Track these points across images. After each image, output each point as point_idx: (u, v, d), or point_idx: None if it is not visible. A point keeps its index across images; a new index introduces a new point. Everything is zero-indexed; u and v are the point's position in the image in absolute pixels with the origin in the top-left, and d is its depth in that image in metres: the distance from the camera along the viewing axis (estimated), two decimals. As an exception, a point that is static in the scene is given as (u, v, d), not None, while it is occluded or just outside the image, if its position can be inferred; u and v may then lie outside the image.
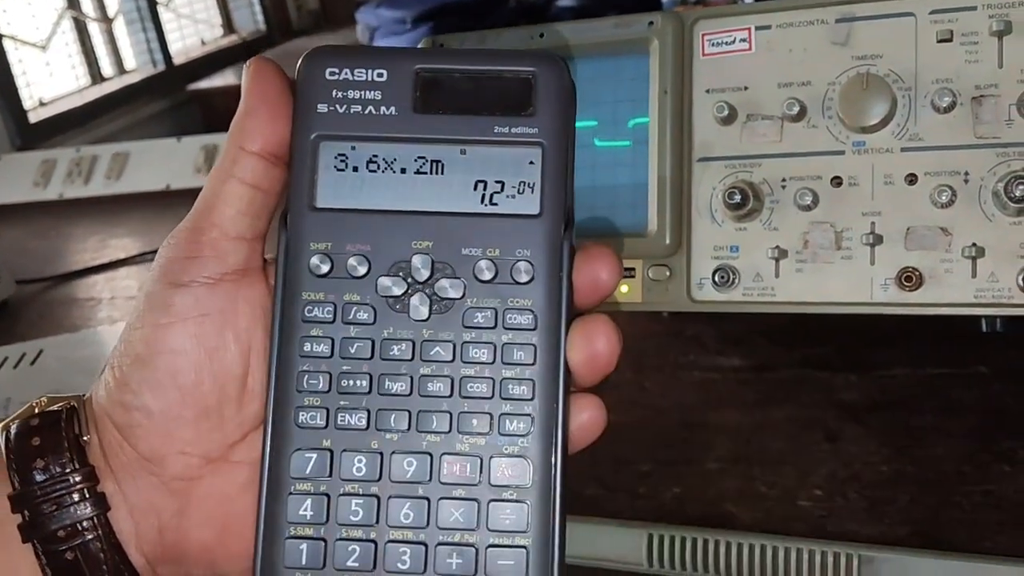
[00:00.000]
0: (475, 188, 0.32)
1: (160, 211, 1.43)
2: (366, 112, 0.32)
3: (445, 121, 0.32)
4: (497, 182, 0.32)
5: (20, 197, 1.54)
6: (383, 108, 0.32)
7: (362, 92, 0.32)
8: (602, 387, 0.34)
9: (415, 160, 0.32)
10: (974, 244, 0.47)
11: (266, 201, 0.33)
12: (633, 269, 0.53)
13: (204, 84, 3.32)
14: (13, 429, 0.34)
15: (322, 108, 0.32)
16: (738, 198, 0.50)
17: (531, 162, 0.32)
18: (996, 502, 0.56)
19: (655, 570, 0.54)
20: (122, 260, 1.24)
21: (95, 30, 3.17)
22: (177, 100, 3.28)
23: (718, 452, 0.64)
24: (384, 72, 0.32)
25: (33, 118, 2.75)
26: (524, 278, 0.31)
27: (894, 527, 0.56)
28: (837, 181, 0.50)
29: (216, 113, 3.14)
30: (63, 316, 1.11)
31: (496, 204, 0.32)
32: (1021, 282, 0.46)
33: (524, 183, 0.32)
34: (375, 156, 0.32)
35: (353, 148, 0.32)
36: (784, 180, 0.51)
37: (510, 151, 0.32)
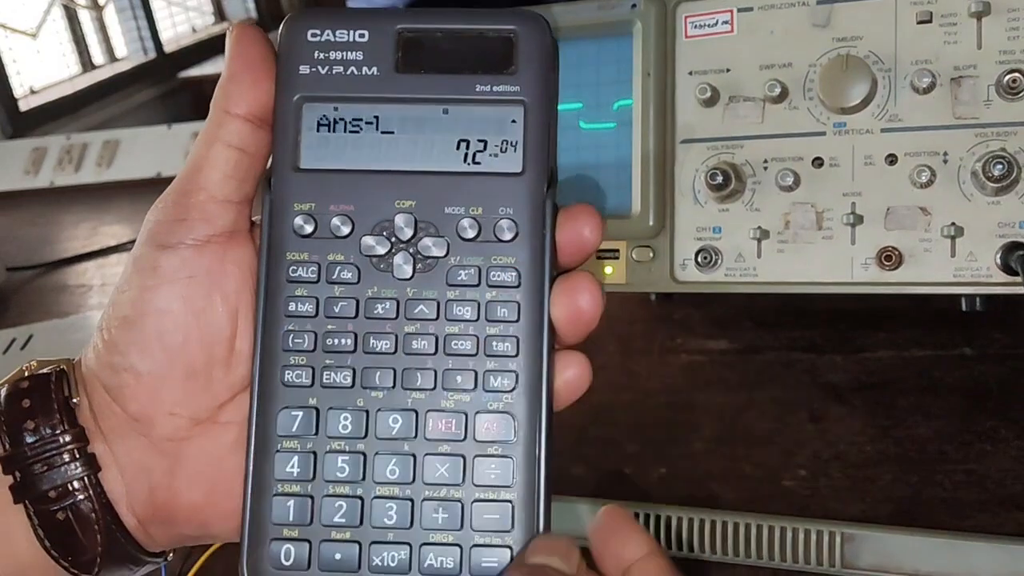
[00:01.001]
0: (458, 147, 0.32)
1: (151, 198, 1.39)
2: (348, 73, 0.32)
3: (427, 80, 0.32)
4: (480, 141, 0.32)
5: (11, 185, 1.54)
6: (365, 68, 0.32)
7: (344, 53, 0.32)
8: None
9: (398, 120, 0.32)
10: (953, 223, 0.47)
11: (252, 164, 0.33)
12: (617, 250, 0.54)
13: (195, 72, 3.31)
14: (3, 392, 0.34)
15: (304, 70, 0.32)
16: (720, 179, 0.50)
17: (513, 120, 0.32)
18: (978, 481, 0.57)
19: (640, 549, 0.55)
20: (113, 247, 1.24)
21: (86, 18, 3.15)
22: (168, 88, 3.27)
23: (704, 433, 0.65)
24: (366, 33, 0.32)
25: (23, 106, 2.74)
26: (507, 236, 0.32)
27: (876, 505, 0.56)
28: (818, 162, 0.50)
29: (207, 101, 3.12)
30: (54, 303, 1.11)
31: (479, 163, 0.32)
32: (999, 261, 0.47)
33: (506, 141, 0.32)
34: (358, 116, 0.32)
35: (336, 109, 0.32)
36: (766, 161, 0.51)
37: (492, 110, 0.32)
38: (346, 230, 0.32)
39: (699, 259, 0.52)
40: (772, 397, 0.67)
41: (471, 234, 0.32)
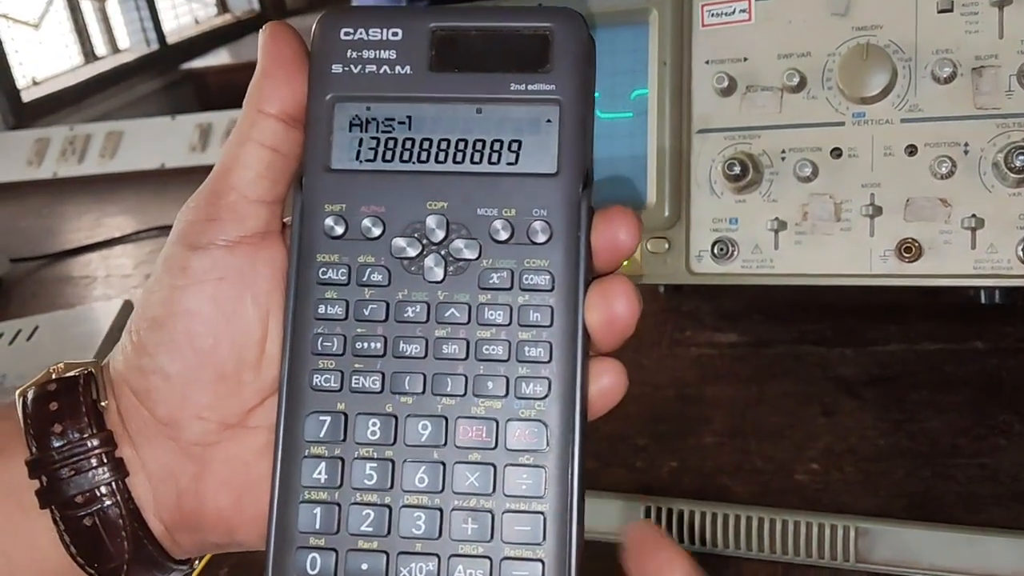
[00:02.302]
0: (491, 147, 0.31)
1: (155, 190, 1.42)
2: (381, 72, 0.32)
3: (461, 79, 0.31)
4: (514, 141, 0.31)
5: (14, 176, 1.54)
6: (398, 67, 0.32)
7: (377, 52, 0.32)
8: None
9: (430, 120, 0.32)
10: (973, 215, 0.47)
11: (285, 164, 0.33)
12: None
13: (198, 63, 3.31)
14: (30, 395, 0.33)
15: (337, 69, 0.32)
16: (737, 170, 0.50)
17: (548, 120, 0.31)
18: (992, 475, 0.57)
19: (652, 542, 0.54)
20: (117, 238, 1.24)
21: (88, 8, 3.15)
22: (171, 79, 3.27)
23: (715, 426, 0.64)
24: (399, 31, 0.32)
25: (26, 97, 2.74)
26: (541, 238, 0.31)
27: (890, 500, 0.56)
28: (837, 152, 0.50)
29: (210, 92, 3.13)
30: (58, 294, 1.11)
31: (512, 163, 0.31)
32: (1020, 253, 0.46)
33: (541, 141, 0.31)
34: (390, 116, 0.32)
35: (368, 108, 0.32)
36: (784, 151, 0.50)
37: (527, 109, 0.31)
38: (377, 231, 0.31)
39: (715, 251, 0.51)
40: (783, 391, 0.67)
41: (504, 236, 0.31)
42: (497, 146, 0.31)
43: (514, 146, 0.31)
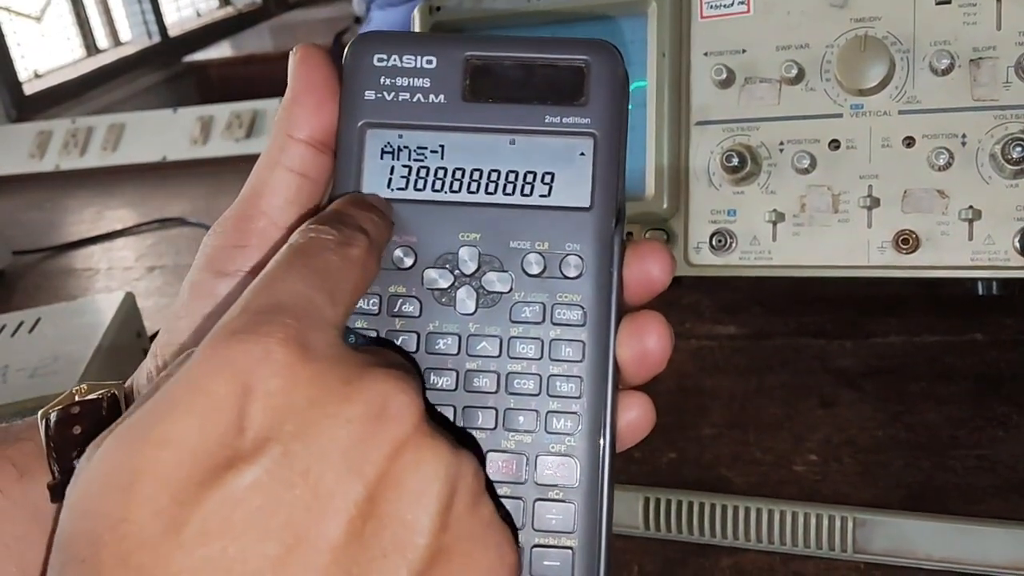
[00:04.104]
0: (524, 179, 0.31)
1: (156, 182, 1.43)
2: (414, 100, 0.31)
3: (494, 110, 0.31)
4: (547, 173, 0.31)
5: (16, 168, 1.54)
6: (432, 96, 0.31)
7: (410, 79, 0.31)
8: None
9: (463, 150, 0.31)
10: (971, 206, 0.47)
11: (313, 190, 0.32)
12: (631, 233, 0.53)
13: (200, 56, 3.30)
14: (53, 417, 0.33)
15: (369, 95, 0.31)
16: (736, 161, 0.50)
17: (582, 153, 0.31)
18: (990, 466, 0.57)
19: (651, 533, 0.55)
20: (118, 231, 1.25)
21: (89, 1, 3.15)
22: (173, 72, 3.27)
23: (714, 418, 0.65)
24: (433, 59, 0.31)
25: (28, 90, 2.74)
26: (573, 272, 0.30)
27: (888, 491, 0.56)
28: (835, 144, 0.50)
29: (212, 85, 3.13)
30: (60, 286, 1.11)
31: (546, 196, 0.31)
32: (1017, 244, 0.46)
33: (575, 175, 0.31)
34: (423, 145, 0.31)
35: (400, 136, 0.31)
36: (782, 143, 0.51)
37: (561, 142, 0.31)
38: (409, 262, 0.31)
39: (713, 242, 0.52)
40: (782, 382, 0.67)
41: (536, 270, 0.31)
42: (530, 178, 0.31)
43: (547, 179, 0.31)
